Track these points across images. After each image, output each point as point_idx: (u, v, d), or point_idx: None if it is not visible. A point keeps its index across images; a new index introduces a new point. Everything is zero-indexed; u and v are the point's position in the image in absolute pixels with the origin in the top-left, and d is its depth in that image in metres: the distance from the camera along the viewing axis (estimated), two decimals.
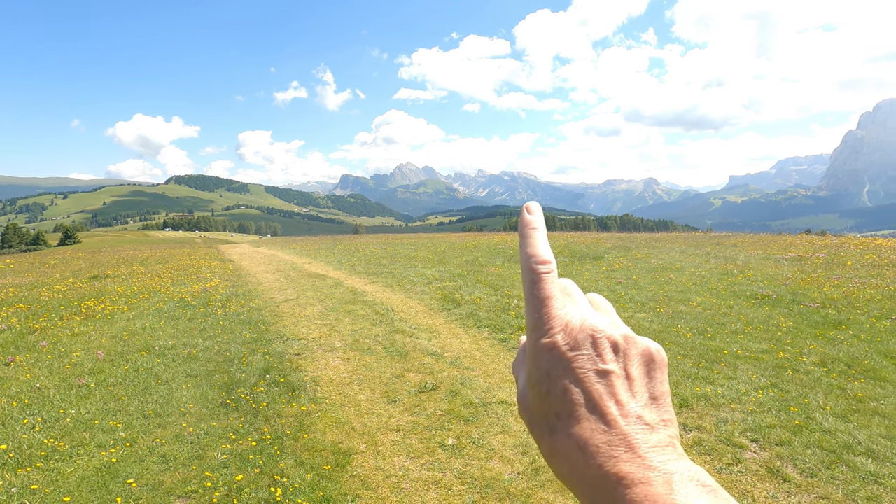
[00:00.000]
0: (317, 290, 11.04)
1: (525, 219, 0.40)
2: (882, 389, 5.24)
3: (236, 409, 4.81)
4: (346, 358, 6.42)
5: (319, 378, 5.74)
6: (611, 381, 0.33)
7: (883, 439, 4.20)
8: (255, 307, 9.24)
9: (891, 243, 17.42)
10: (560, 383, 0.34)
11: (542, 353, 0.35)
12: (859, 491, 3.52)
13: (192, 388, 5.30)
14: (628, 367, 0.34)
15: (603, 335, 0.35)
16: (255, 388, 5.25)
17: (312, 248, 23.80)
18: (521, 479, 3.75)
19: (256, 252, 24.52)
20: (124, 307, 9.17)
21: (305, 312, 8.86)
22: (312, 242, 29.46)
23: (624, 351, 0.35)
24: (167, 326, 7.71)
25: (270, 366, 5.98)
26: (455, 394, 5.27)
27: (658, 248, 17.28)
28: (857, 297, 9.28)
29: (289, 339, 7.19)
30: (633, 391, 0.34)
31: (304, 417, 4.71)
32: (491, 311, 8.75)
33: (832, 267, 12.54)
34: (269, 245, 31.06)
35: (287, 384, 5.45)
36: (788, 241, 19.16)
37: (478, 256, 17.31)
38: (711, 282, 11.08)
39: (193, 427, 4.44)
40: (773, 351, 6.39)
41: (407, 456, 4.10)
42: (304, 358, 6.41)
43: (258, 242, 38.65)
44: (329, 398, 5.19)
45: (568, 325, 0.35)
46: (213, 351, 6.48)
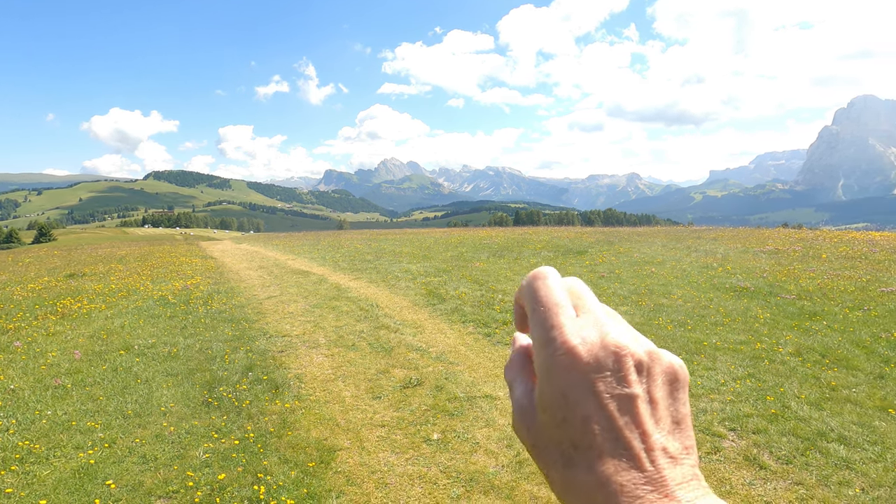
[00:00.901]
0: (300, 287, 10.95)
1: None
2: (854, 378, 5.40)
3: (218, 407, 4.75)
4: (330, 354, 6.39)
5: (303, 375, 5.70)
6: (635, 407, 0.30)
7: (854, 426, 4.33)
8: (237, 304, 9.13)
9: (863, 236, 17.93)
10: (580, 410, 0.30)
11: (557, 372, 0.31)
12: (832, 476, 3.64)
13: (173, 387, 5.22)
14: (652, 389, 0.31)
15: (627, 352, 0.31)
16: (238, 386, 5.20)
17: (296, 245, 23.58)
18: (506, 471, 3.78)
19: (239, 249, 24.19)
20: (102, 306, 8.97)
21: (289, 309, 8.79)
22: (296, 238, 29.17)
23: (648, 369, 0.31)
24: (147, 325, 7.57)
25: (253, 363, 5.92)
26: (440, 389, 5.28)
27: (640, 243, 17.51)
28: (832, 288, 9.53)
29: (272, 336, 7.12)
30: (658, 417, 0.31)
31: (287, 415, 4.68)
32: (475, 306, 8.78)
33: (808, 259, 12.86)
34: (251, 241, 30.67)
35: (270, 381, 5.40)
36: (766, 234, 19.58)
37: (463, 252, 17.34)
38: (692, 275, 11.27)
39: (174, 426, 4.38)
40: (750, 342, 6.53)
41: (392, 451, 4.10)
42: (288, 355, 6.35)
43: (240, 239, 38.16)
44: (313, 395, 5.16)
45: (586, 341, 0.31)
46: (194, 349, 6.39)
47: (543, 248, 17.02)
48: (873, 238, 17.04)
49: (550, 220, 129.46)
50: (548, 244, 18.13)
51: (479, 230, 31.13)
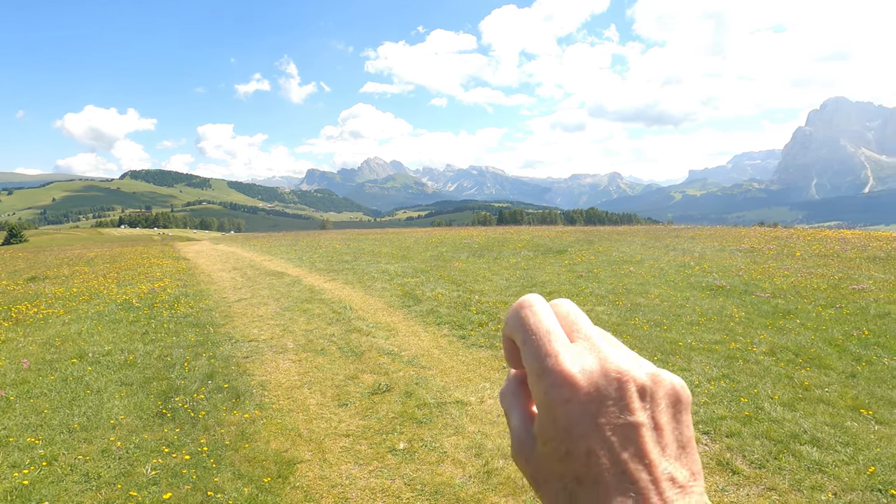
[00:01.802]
0: (273, 289, 10.64)
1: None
2: (826, 377, 5.38)
3: (172, 419, 4.49)
4: (297, 360, 6.15)
5: (267, 382, 5.46)
6: (640, 436, 0.28)
7: (827, 427, 4.28)
8: (204, 308, 8.80)
9: (835, 234, 18.29)
10: (583, 444, 0.28)
11: (557, 404, 0.29)
12: (804, 480, 3.55)
13: (126, 397, 4.93)
14: (656, 415, 0.30)
15: (629, 378, 0.29)
16: (196, 396, 4.93)
17: (274, 245, 23.12)
18: (473, 483, 3.62)
19: (215, 249, 23.63)
20: (60, 311, 8.56)
21: (258, 312, 8.50)
22: (275, 239, 28.65)
23: (651, 394, 0.30)
24: (105, 331, 7.22)
25: (215, 370, 5.66)
26: (409, 395, 5.10)
27: (620, 241, 17.57)
28: (805, 286, 9.61)
29: (238, 341, 6.84)
30: (663, 444, 0.29)
31: (247, 425, 4.44)
32: (451, 308, 8.61)
33: (782, 258, 13.01)
34: (229, 242, 30.04)
35: (231, 390, 5.15)
36: (742, 233, 19.84)
37: (442, 251, 17.16)
38: (669, 274, 11.29)
39: (123, 441, 4.11)
40: (725, 342, 6.49)
41: (355, 463, 3.90)
42: (253, 361, 6.10)
43: (219, 239, 37.37)
44: (276, 403, 4.93)
45: (584, 369, 0.30)
46: (152, 356, 6.09)
47: (524, 248, 16.95)
48: (845, 236, 17.38)
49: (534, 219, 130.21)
50: (528, 243, 18.07)
51: (460, 230, 31.00)
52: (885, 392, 4.96)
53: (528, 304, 0.33)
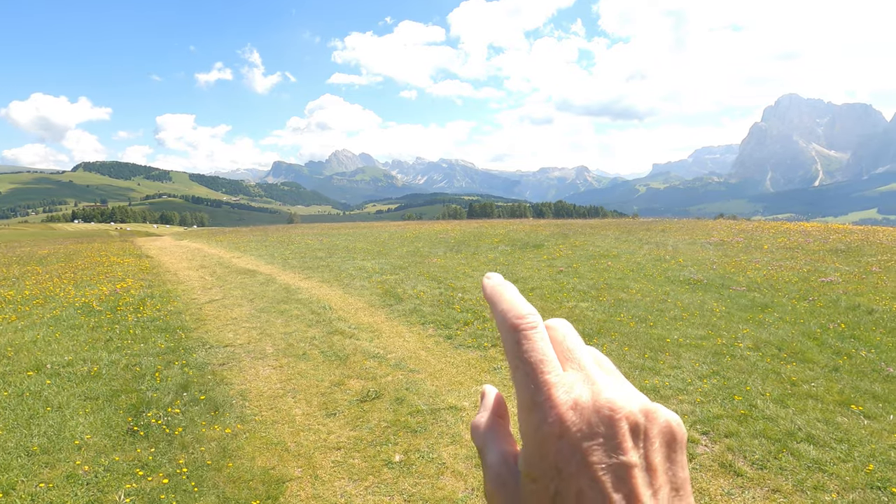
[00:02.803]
0: (246, 289, 10.18)
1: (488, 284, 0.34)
2: (811, 371, 5.47)
3: (146, 436, 4.14)
4: (278, 366, 5.83)
5: (248, 391, 5.14)
6: (632, 477, 0.27)
7: (819, 423, 4.31)
8: (173, 310, 8.31)
9: (797, 227, 19.00)
10: (574, 484, 0.27)
11: (548, 441, 0.28)
12: (806, 480, 3.55)
13: (92, 413, 4.53)
14: (650, 455, 0.28)
15: (622, 415, 0.28)
16: (170, 410, 4.58)
17: (242, 241, 22.32)
18: (477, 496, 3.45)
19: (179, 246, 22.63)
20: (12, 316, 7.91)
21: (232, 314, 8.08)
22: (242, 234, 27.68)
23: (645, 432, 0.28)
24: (64, 338, 6.69)
25: (189, 380, 5.29)
26: (400, 401, 4.89)
27: (594, 235, 17.73)
28: (777, 279, 9.87)
29: (212, 346, 6.46)
30: (656, 487, 0.28)
31: (229, 441, 4.14)
32: (435, 306, 8.42)
33: (751, 250, 13.38)
34: (193, 237, 28.84)
35: (209, 401, 4.81)
36: (710, 225, 20.38)
37: (419, 247, 16.92)
38: (647, 268, 11.41)
39: (90, 464, 3.74)
40: (710, 337, 6.55)
41: (349, 479, 3.68)
42: (230, 368, 5.75)
43: (182, 234, 35.87)
44: (259, 415, 4.63)
45: (578, 403, 0.28)
46: (119, 366, 5.65)
47: (500, 242, 16.89)
48: (806, 229, 18.07)
49: (504, 212, 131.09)
50: (504, 238, 18.02)
51: (434, 223, 30.77)
52: (869, 385, 5.06)
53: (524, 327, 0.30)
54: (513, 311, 0.31)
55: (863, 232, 16.49)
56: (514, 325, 0.30)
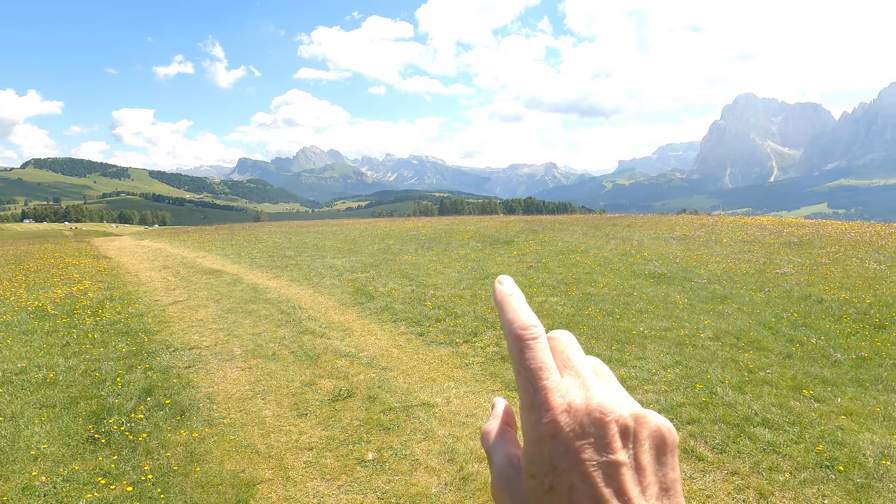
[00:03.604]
0: (211, 289, 9.92)
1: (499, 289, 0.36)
2: (767, 359, 5.74)
3: (107, 444, 4.00)
4: (247, 367, 5.72)
5: (215, 394, 5.03)
6: (621, 475, 0.29)
7: (774, 408, 4.55)
8: (134, 313, 8.02)
9: (754, 221, 19.84)
10: (566, 479, 0.30)
11: (544, 439, 0.30)
12: (762, 462, 3.74)
13: (49, 422, 4.34)
14: (639, 455, 0.30)
15: (612, 418, 0.30)
16: (133, 415, 4.43)
17: (207, 240, 21.68)
18: (450, 491, 3.49)
19: (139, 246, 21.80)
20: None
21: (198, 316, 7.86)
22: (207, 233, 26.88)
23: (634, 434, 0.31)
24: (16, 344, 6.37)
25: (153, 384, 5.13)
26: (373, 399, 4.88)
27: (563, 231, 18.05)
28: (735, 271, 10.30)
29: (177, 349, 6.27)
30: (644, 485, 0.30)
31: (196, 445, 4.05)
32: (407, 303, 8.41)
33: (711, 244, 13.90)
34: (155, 237, 27.82)
35: (175, 405, 4.68)
36: (673, 220, 21.05)
37: (390, 244, 16.84)
38: (613, 262, 11.71)
39: (48, 474, 3.59)
40: (674, 328, 6.79)
41: (322, 478, 3.66)
42: (197, 371, 5.60)
43: (142, 234, 34.54)
44: (227, 418, 4.54)
45: (571, 406, 0.31)
46: (77, 372, 5.42)
47: (471, 239, 16.99)
48: (762, 223, 18.90)
49: (474, 208, 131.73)
50: (475, 234, 18.14)
51: (405, 220, 30.66)
52: (818, 371, 5.36)
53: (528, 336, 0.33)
54: (518, 321, 0.34)
55: (813, 225, 17.38)
56: (519, 336, 0.33)
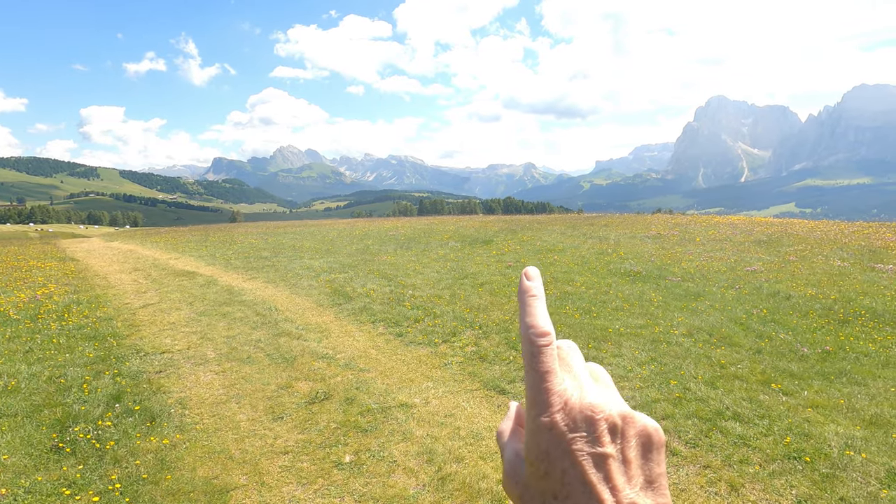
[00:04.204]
0: (184, 291, 9.68)
1: (524, 285, 0.40)
2: (738, 354, 5.89)
3: (73, 453, 3.85)
4: (221, 371, 5.59)
5: (188, 399, 4.90)
6: (608, 465, 0.33)
7: (745, 402, 4.66)
8: (103, 317, 7.76)
9: (725, 220, 20.36)
10: (559, 465, 0.34)
11: (541, 431, 0.35)
12: (733, 455, 3.83)
13: (10, 431, 4.16)
14: (626, 450, 0.34)
15: (602, 416, 0.35)
16: (101, 423, 4.29)
17: (180, 241, 21.16)
18: (428, 491, 3.47)
19: (109, 247, 21.14)
20: None
21: (170, 319, 7.66)
22: (181, 234, 26.24)
23: (622, 432, 0.35)
24: None
25: (122, 390, 4.97)
26: (350, 401, 4.83)
27: (541, 231, 18.21)
28: (708, 269, 10.55)
29: (147, 353, 6.10)
30: (630, 475, 0.34)
31: (167, 452, 3.93)
32: (385, 304, 8.36)
33: (685, 243, 14.21)
34: (126, 238, 27.02)
35: (145, 411, 4.55)
36: (648, 220, 21.44)
37: (368, 244, 16.73)
38: (591, 261, 11.86)
39: (8, 486, 3.44)
40: (649, 326, 6.90)
41: (298, 483, 3.60)
42: (168, 376, 5.45)
43: (113, 235, 33.50)
44: (200, 423, 4.43)
45: (567, 404, 0.35)
46: (41, 378, 5.22)
47: (450, 239, 17.00)
48: (733, 222, 19.41)
49: (454, 208, 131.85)
50: (454, 234, 18.15)
51: (384, 221, 30.50)
52: (786, 365, 5.53)
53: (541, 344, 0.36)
54: (538, 328, 0.37)
55: (782, 224, 17.94)
56: (534, 342, 0.37)
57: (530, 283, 0.40)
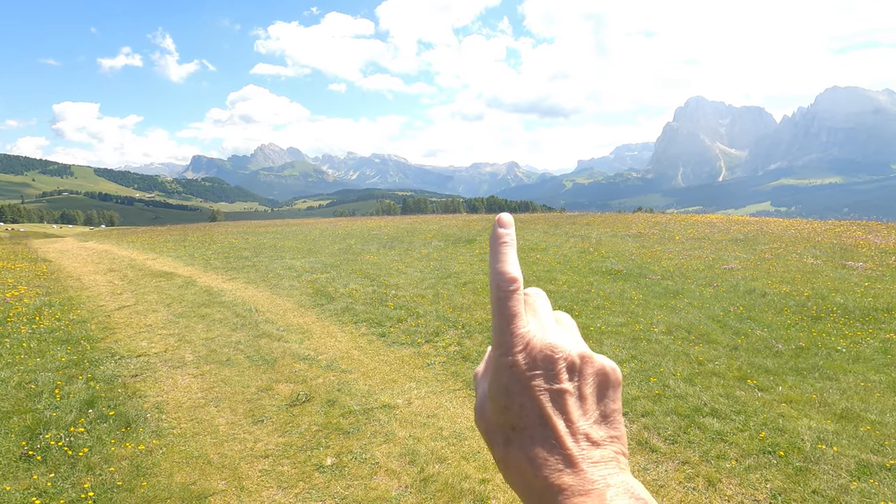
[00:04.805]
0: (162, 293, 9.48)
1: (497, 232, 0.41)
2: (715, 351, 6.01)
3: (43, 461, 3.74)
4: (199, 374, 5.49)
5: (164, 403, 4.80)
6: (564, 400, 0.35)
7: (722, 398, 4.76)
8: (76, 319, 7.56)
9: (703, 219, 20.76)
10: (517, 399, 0.35)
11: (503, 369, 0.36)
12: (711, 451, 3.90)
13: None
14: (582, 387, 0.36)
15: (560, 355, 0.36)
16: (73, 429, 4.17)
17: (158, 241, 20.72)
18: (410, 493, 3.46)
19: (83, 248, 20.59)
20: None
21: (146, 321, 7.49)
22: (158, 233, 25.70)
23: (580, 370, 0.36)
24: None
25: (96, 395, 4.84)
26: (332, 403, 4.78)
27: (523, 229, 18.31)
28: (687, 267, 10.73)
29: (123, 357, 5.95)
30: (585, 410, 0.35)
31: (142, 458, 3.84)
32: (368, 304, 8.31)
33: (665, 242, 14.44)
34: (101, 238, 26.35)
35: (119, 417, 4.44)
36: (629, 218, 21.74)
37: (351, 244, 16.61)
38: (573, 260, 11.97)
39: None
40: (629, 324, 6.99)
41: (278, 487, 3.55)
42: (144, 379, 5.33)
43: (87, 235, 32.64)
44: (177, 427, 4.34)
45: (529, 344, 0.36)
46: (10, 384, 5.05)
47: (434, 238, 16.98)
48: (711, 220, 19.80)
49: (437, 207, 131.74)
50: (437, 233, 18.13)
51: (367, 220, 30.32)
52: (762, 361, 5.66)
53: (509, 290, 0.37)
54: (507, 274, 0.38)
55: (758, 223, 18.36)
56: (502, 287, 0.37)
57: (503, 231, 0.40)
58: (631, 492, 0.32)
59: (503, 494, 3.41)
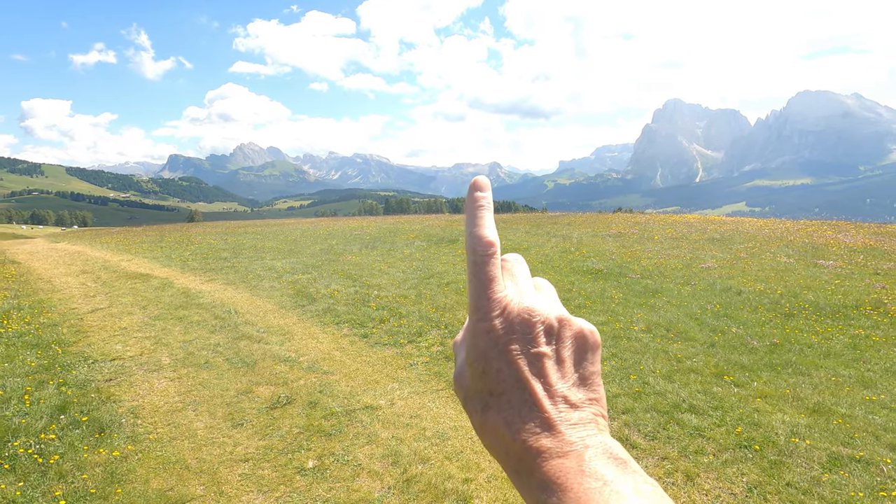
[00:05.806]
0: (137, 295, 9.25)
1: (473, 195, 0.40)
2: (693, 348, 6.12)
3: (12, 469, 3.61)
4: (176, 377, 5.37)
5: (140, 407, 4.68)
6: (542, 363, 0.35)
7: (699, 394, 4.85)
8: (47, 323, 7.32)
9: (681, 219, 21.16)
10: (495, 364, 0.35)
11: (480, 334, 0.36)
12: (689, 446, 3.98)
13: None
14: (560, 350, 0.36)
15: (538, 318, 0.36)
16: (44, 436, 4.04)
17: (133, 242, 20.22)
18: (393, 494, 3.44)
19: (55, 249, 19.96)
20: None
21: (121, 324, 7.30)
22: (134, 234, 25.07)
23: (558, 333, 0.36)
24: None
25: (68, 401, 4.70)
26: (314, 405, 4.73)
27: (506, 229, 18.40)
28: (665, 266, 10.92)
29: (96, 361, 5.79)
30: (563, 372, 0.35)
31: (117, 464, 3.74)
32: (350, 305, 8.24)
33: (644, 241, 14.67)
34: (73, 239, 25.58)
35: (93, 422, 4.31)
36: (609, 218, 22.04)
37: (333, 244, 16.46)
38: (554, 259, 12.07)
39: None
40: (610, 322, 7.09)
41: (259, 491, 3.49)
42: (119, 384, 5.19)
43: (59, 236, 31.65)
44: (154, 433, 4.24)
45: (506, 308, 0.36)
46: None
47: (416, 238, 16.94)
48: (689, 220, 20.19)
49: (420, 207, 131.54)
50: (420, 233, 18.10)
51: (349, 220, 30.10)
52: (738, 358, 5.79)
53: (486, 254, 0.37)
54: (483, 238, 0.37)
55: (733, 223, 18.80)
56: (478, 252, 0.37)
57: (480, 194, 0.40)
58: (609, 452, 0.32)
59: (486, 493, 3.42)
